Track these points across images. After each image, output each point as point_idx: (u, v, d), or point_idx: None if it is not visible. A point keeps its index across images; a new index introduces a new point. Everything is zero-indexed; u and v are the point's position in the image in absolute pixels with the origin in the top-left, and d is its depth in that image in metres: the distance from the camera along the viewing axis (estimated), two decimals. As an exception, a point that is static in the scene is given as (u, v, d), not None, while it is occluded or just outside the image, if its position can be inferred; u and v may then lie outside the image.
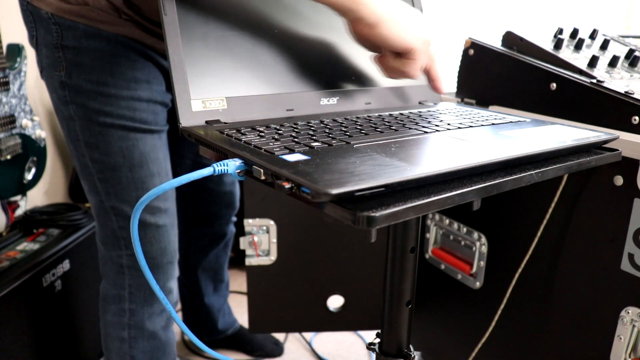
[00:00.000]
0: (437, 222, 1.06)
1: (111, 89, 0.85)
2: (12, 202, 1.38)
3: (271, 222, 1.11)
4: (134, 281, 0.97)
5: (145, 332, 0.99)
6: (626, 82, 0.80)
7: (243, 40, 0.64)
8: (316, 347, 1.58)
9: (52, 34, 0.84)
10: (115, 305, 0.98)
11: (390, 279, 0.63)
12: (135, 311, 0.98)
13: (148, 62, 0.89)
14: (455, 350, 1.05)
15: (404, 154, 0.49)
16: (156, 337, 1.01)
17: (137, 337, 0.99)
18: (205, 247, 1.40)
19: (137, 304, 0.98)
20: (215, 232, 1.39)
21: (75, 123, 0.88)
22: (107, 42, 0.83)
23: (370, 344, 0.69)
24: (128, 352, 0.99)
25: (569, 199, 0.79)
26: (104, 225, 0.95)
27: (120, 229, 0.93)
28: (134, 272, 0.96)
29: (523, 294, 0.88)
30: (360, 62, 0.74)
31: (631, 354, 0.73)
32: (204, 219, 1.35)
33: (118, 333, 0.99)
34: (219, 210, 1.34)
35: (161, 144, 0.94)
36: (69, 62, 0.84)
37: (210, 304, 1.47)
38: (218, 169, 0.46)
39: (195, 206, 1.32)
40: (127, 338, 0.98)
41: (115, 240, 0.95)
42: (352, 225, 0.39)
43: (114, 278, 0.98)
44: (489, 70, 0.92)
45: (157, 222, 0.94)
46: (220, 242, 1.41)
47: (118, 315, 0.98)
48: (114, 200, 0.91)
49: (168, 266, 0.98)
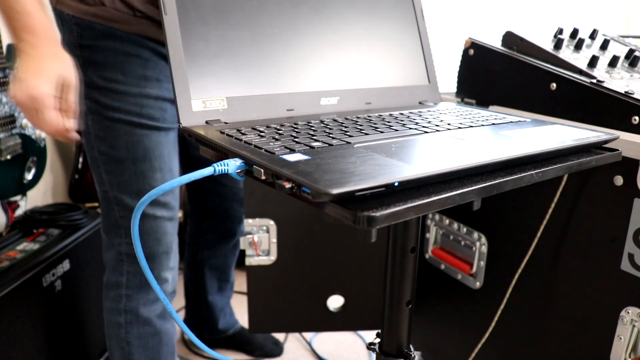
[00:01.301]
0: (437, 222, 1.06)
1: (121, 85, 0.90)
2: (12, 202, 1.37)
3: (271, 222, 1.11)
4: (132, 268, 1.01)
5: (140, 318, 1.02)
6: (626, 82, 0.80)
7: (243, 40, 0.64)
8: (316, 347, 1.58)
9: (73, 34, 0.89)
10: (114, 291, 1.02)
11: (390, 279, 0.63)
12: (131, 297, 1.02)
13: (161, 60, 0.93)
14: (455, 350, 1.05)
15: (404, 154, 0.49)
16: (151, 324, 1.04)
17: (132, 322, 1.02)
18: (214, 244, 1.42)
19: (133, 290, 1.02)
20: (226, 229, 1.41)
21: (88, 117, 0.93)
22: (120, 41, 0.88)
23: (370, 344, 0.69)
24: (124, 338, 1.03)
25: (569, 199, 0.79)
26: (107, 214, 1.00)
27: (121, 218, 0.98)
28: (132, 260, 1.01)
29: (523, 294, 0.88)
30: (360, 62, 0.74)
31: (631, 354, 0.73)
32: (215, 214, 1.38)
33: (115, 318, 1.03)
34: (229, 206, 1.37)
35: (167, 141, 0.97)
36: (86, 60, 0.89)
37: (213, 302, 1.48)
38: (218, 168, 0.47)
39: (208, 201, 1.36)
40: (123, 323, 1.02)
41: (116, 228, 1.00)
42: (353, 225, 0.39)
43: (114, 265, 1.02)
44: (489, 70, 0.92)
45: (155, 214, 0.98)
46: (230, 240, 1.44)
47: (116, 301, 1.02)
48: (116, 191, 0.97)
49: (163, 256, 1.01)
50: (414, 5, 0.81)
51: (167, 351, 1.08)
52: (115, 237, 1.01)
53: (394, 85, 0.77)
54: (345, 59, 0.72)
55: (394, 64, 0.77)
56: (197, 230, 1.41)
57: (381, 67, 0.76)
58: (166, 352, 1.08)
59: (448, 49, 1.49)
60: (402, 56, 0.79)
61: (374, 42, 0.76)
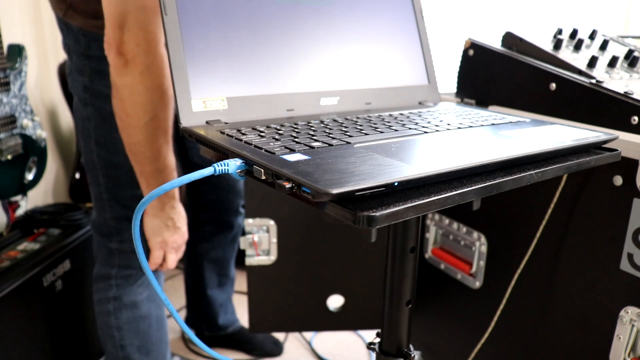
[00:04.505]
0: (437, 222, 1.06)
1: None
2: (13, 202, 1.38)
3: (271, 222, 1.11)
4: (122, 262, 1.04)
5: (128, 302, 1.05)
6: (625, 83, 0.80)
7: (243, 40, 0.64)
8: (316, 347, 1.58)
9: (81, 44, 0.93)
10: (104, 282, 1.05)
11: (390, 278, 0.63)
12: (121, 286, 1.05)
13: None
14: (455, 350, 1.05)
15: (404, 154, 0.49)
16: (138, 306, 1.06)
17: (121, 308, 1.05)
18: (212, 236, 1.44)
19: (122, 280, 1.05)
20: (224, 220, 1.43)
21: (91, 123, 0.96)
22: None
23: (370, 343, 0.69)
24: (114, 325, 1.05)
25: (569, 199, 0.79)
26: (99, 214, 1.03)
27: (112, 219, 1.02)
28: (122, 255, 1.04)
29: (523, 293, 0.88)
30: (360, 62, 0.74)
31: (630, 354, 0.73)
32: (212, 206, 1.40)
33: (105, 307, 1.06)
34: (226, 198, 1.39)
35: None
36: (93, 70, 0.93)
37: (212, 297, 1.49)
38: (219, 168, 0.47)
39: (206, 192, 1.39)
40: (112, 310, 1.05)
41: (107, 228, 1.03)
42: (353, 225, 0.39)
43: (104, 259, 1.05)
44: (488, 70, 0.93)
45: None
46: (228, 233, 1.45)
47: (105, 291, 1.05)
48: (111, 194, 1.00)
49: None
50: (414, 5, 0.81)
51: (159, 337, 1.10)
52: (106, 236, 1.04)
53: (393, 86, 0.77)
54: (345, 59, 0.73)
55: (394, 64, 0.77)
56: (195, 222, 1.42)
57: (381, 67, 0.76)
58: (158, 337, 1.10)
59: (448, 49, 1.49)
60: (402, 56, 0.79)
61: (374, 42, 0.76)
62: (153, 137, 0.84)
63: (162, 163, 0.87)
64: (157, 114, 0.82)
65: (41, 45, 1.66)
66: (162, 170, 0.88)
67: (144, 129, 0.82)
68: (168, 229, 0.94)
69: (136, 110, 0.81)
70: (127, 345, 1.05)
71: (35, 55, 1.62)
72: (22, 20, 1.54)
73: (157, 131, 0.84)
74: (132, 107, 0.81)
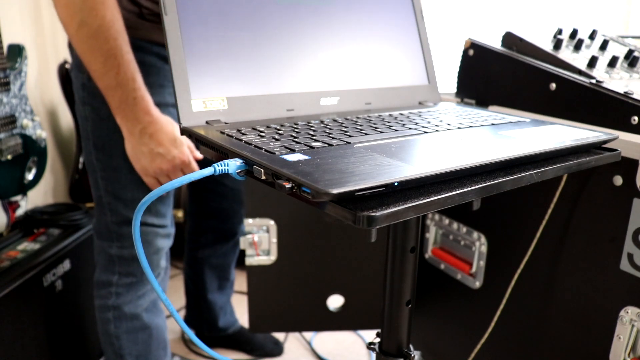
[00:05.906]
0: (437, 222, 1.06)
1: None
2: (13, 202, 1.38)
3: (271, 222, 1.11)
4: (123, 269, 1.03)
5: (128, 314, 1.04)
6: (625, 83, 0.80)
7: (243, 40, 0.64)
8: (316, 347, 1.58)
9: None
10: (105, 289, 1.04)
11: (390, 278, 0.63)
12: (121, 294, 1.04)
13: (165, 64, 0.94)
14: (455, 350, 1.05)
15: (403, 154, 0.49)
16: (139, 318, 1.05)
17: (121, 317, 1.04)
18: (214, 243, 1.43)
19: (123, 288, 1.03)
20: (226, 228, 1.42)
21: (88, 123, 0.95)
22: None
23: (370, 343, 0.69)
24: (114, 333, 1.05)
25: (569, 199, 0.79)
26: (99, 218, 1.02)
27: (112, 223, 1.00)
28: (123, 261, 1.02)
29: (523, 293, 0.88)
30: (360, 62, 0.74)
31: (630, 354, 0.73)
32: (215, 213, 1.39)
33: (105, 315, 1.04)
34: (229, 206, 1.38)
35: None
36: None
37: (213, 300, 1.49)
38: (219, 168, 0.47)
39: (210, 200, 1.38)
40: (112, 319, 1.04)
41: (107, 232, 1.01)
42: (353, 225, 0.39)
43: (105, 265, 1.04)
44: (488, 70, 0.93)
45: (146, 221, 1.00)
46: (230, 240, 1.44)
47: (105, 298, 1.04)
48: (111, 198, 0.98)
49: (152, 257, 1.03)
50: (414, 6, 0.81)
51: (158, 345, 1.10)
52: (106, 240, 1.02)
53: (393, 86, 0.77)
54: (345, 59, 0.73)
55: (394, 64, 0.77)
56: (197, 229, 1.42)
57: (381, 67, 0.76)
58: (156, 346, 1.09)
59: (448, 49, 1.49)
60: (402, 56, 0.79)
61: (374, 42, 0.76)
62: (90, 47, 0.79)
63: (113, 78, 0.81)
64: (84, 19, 0.78)
65: (41, 45, 1.66)
66: (115, 87, 0.81)
67: (77, 37, 0.79)
68: (145, 156, 0.87)
69: (63, 14, 0.79)
70: (125, 355, 1.05)
71: (35, 55, 1.62)
72: (22, 20, 1.54)
73: (93, 40, 0.79)
74: (59, 10, 0.79)
